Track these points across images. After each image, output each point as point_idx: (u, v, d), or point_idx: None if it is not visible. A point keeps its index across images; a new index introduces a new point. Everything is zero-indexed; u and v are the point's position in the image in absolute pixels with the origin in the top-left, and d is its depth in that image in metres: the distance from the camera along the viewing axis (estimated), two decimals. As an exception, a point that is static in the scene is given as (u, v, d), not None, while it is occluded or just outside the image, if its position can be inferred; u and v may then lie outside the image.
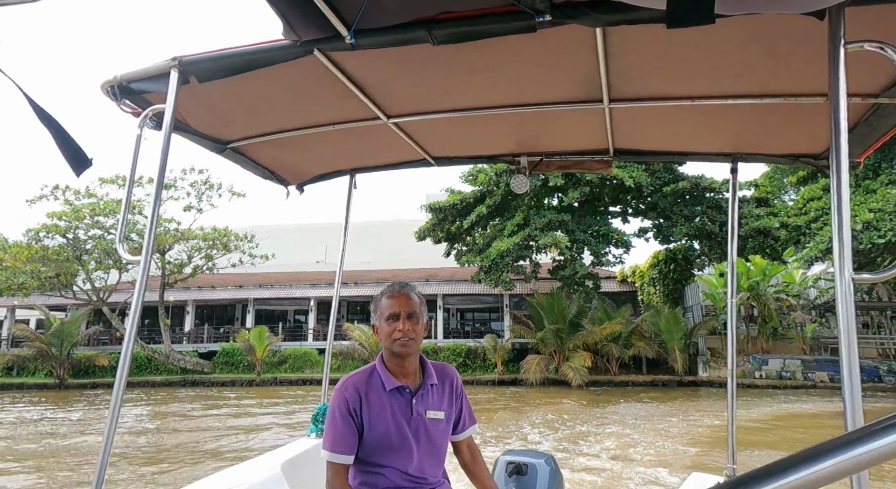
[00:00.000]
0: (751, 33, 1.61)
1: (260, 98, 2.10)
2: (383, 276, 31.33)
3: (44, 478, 7.47)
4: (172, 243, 22.48)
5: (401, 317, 1.68)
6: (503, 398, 16.72)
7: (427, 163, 2.97)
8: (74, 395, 19.26)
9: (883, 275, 1.20)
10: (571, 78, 1.96)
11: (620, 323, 20.32)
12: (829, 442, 0.47)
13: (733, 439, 2.81)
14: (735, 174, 2.80)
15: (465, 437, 1.89)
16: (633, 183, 17.56)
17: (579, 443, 9.59)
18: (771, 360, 20.95)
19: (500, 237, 18.60)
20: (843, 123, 1.22)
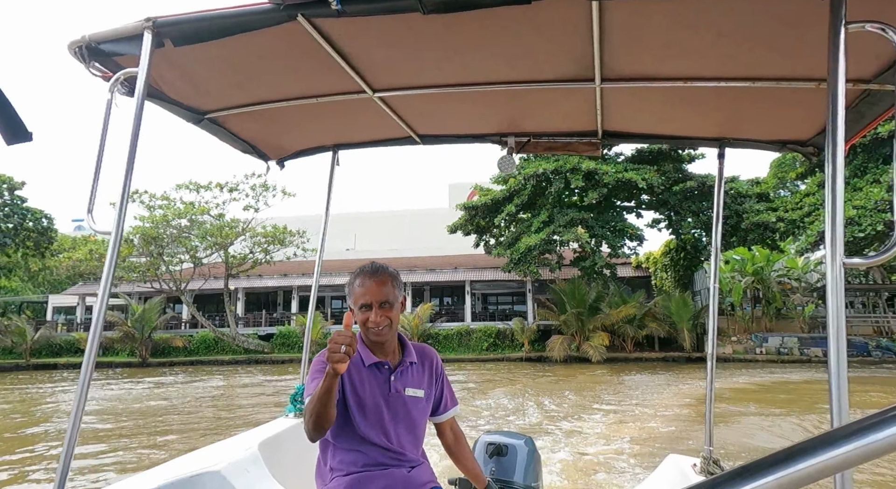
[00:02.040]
0: (748, 13, 1.58)
1: (240, 66, 1.99)
2: (412, 264, 33.96)
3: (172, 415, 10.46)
4: (235, 239, 25.48)
5: (373, 306, 1.64)
6: (534, 371, 19.55)
7: (413, 141, 2.89)
8: (158, 371, 22.53)
9: (873, 260, 1.23)
10: (564, 55, 1.92)
11: (635, 306, 22.88)
12: (812, 439, 0.47)
13: (710, 422, 2.80)
14: (722, 159, 2.79)
15: (448, 419, 1.88)
16: (645, 184, 19.96)
17: (602, 397, 12.39)
18: (771, 338, 23.39)
19: (528, 233, 21.23)
20: (842, 108, 1.20)
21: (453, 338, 26.03)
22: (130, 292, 27.83)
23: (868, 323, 25.70)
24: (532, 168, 21.12)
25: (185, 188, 24.16)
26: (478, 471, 1.93)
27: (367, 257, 36.55)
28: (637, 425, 9.53)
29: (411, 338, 21.19)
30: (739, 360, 22.23)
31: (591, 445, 7.93)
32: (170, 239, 23.76)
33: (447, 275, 31.60)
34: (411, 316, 25.39)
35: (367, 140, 2.98)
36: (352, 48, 1.87)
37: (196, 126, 2.42)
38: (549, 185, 20.96)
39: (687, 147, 3.06)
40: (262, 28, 1.63)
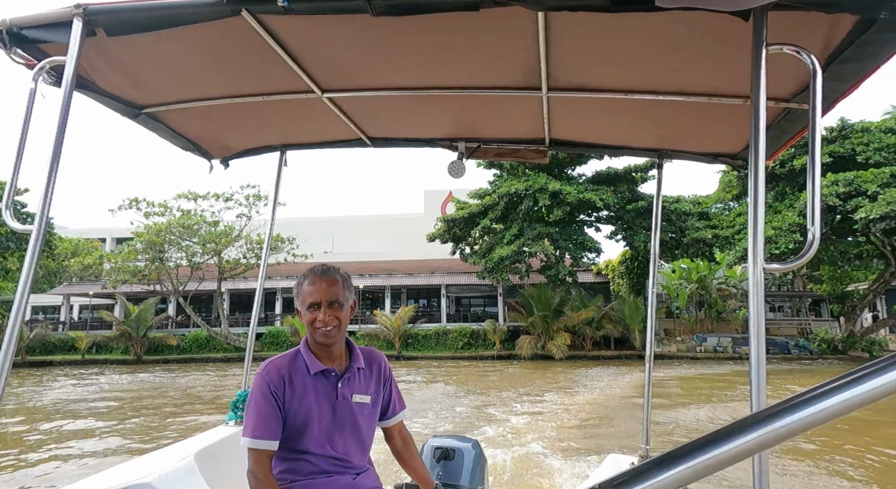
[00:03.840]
0: (681, 32, 1.63)
1: (180, 60, 1.89)
2: (391, 267, 36.11)
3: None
4: (228, 244, 27.30)
5: (322, 305, 1.61)
6: (504, 366, 22.24)
7: (363, 143, 2.86)
8: (153, 367, 24.18)
9: (790, 265, 1.31)
10: (512, 63, 1.93)
11: (593, 310, 25.91)
12: (731, 425, 0.50)
13: (648, 422, 2.87)
14: (661, 170, 2.90)
15: (396, 423, 1.85)
16: (602, 203, 22.95)
17: (562, 384, 15.20)
18: (709, 338, 26.80)
19: (501, 244, 23.93)
20: (763, 124, 1.25)
21: (431, 338, 28.51)
22: (126, 293, 29.21)
23: (793, 325, 29.57)
24: (505, 187, 23.86)
25: (183, 197, 25.88)
26: (426, 476, 1.90)
27: (346, 260, 38.44)
28: (586, 398, 12.34)
29: (393, 338, 23.60)
30: (682, 358, 25.49)
31: (552, 412, 10.62)
32: (170, 244, 25.48)
33: (424, 279, 33.88)
34: (394, 317, 27.76)
35: (316, 141, 2.93)
36: (300, 47, 1.83)
37: (132, 121, 2.31)
38: (520, 202, 23.71)
39: (628, 156, 3.69)
40: (204, 22, 1.56)
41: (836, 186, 19.10)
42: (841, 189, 19.01)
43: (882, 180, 18.48)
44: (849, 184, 19.03)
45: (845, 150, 20.85)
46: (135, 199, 25.71)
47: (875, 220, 17.70)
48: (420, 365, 23.93)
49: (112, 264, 25.20)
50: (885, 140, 20.41)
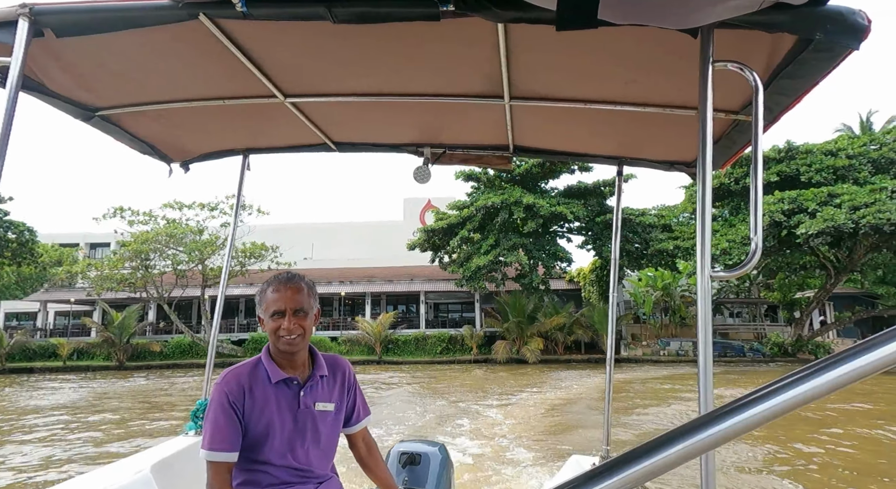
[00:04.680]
0: (636, 45, 1.68)
1: (136, 62, 1.84)
2: (371, 274, 37.01)
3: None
4: (213, 252, 27.93)
5: (286, 313, 1.60)
6: (482, 370, 23.51)
7: (328, 148, 2.86)
8: (136, 373, 24.66)
9: (736, 272, 1.35)
10: (475, 72, 1.96)
11: (565, 316, 27.41)
12: (680, 427, 0.52)
13: (608, 424, 2.93)
14: (620, 176, 2.96)
15: (360, 430, 1.85)
16: (573, 216, 24.53)
17: (538, 385, 16.54)
18: (672, 342, 28.60)
19: (478, 254, 25.27)
20: (710, 135, 1.30)
21: (411, 343, 29.60)
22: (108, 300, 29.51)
23: (749, 330, 31.69)
24: (483, 200, 25.24)
25: (169, 207, 26.50)
26: (390, 482, 1.88)
27: (325, 266, 39.18)
28: (556, 396, 13.70)
29: (374, 344, 24.70)
30: (647, 361, 27.16)
31: (526, 402, 11.91)
32: (156, 253, 26.06)
33: (404, 285, 34.89)
34: (375, 323, 28.77)
35: (280, 145, 2.93)
36: (261, 52, 1.81)
37: (86, 123, 2.26)
38: (496, 214, 25.09)
39: (589, 163, 4.09)
40: (158, 24, 1.51)
41: (782, 204, 21.02)
42: (786, 206, 20.94)
43: (821, 199, 20.47)
44: (792, 201, 20.97)
45: (791, 170, 22.86)
46: (119, 207, 26.22)
47: (813, 234, 19.64)
48: (403, 368, 25.02)
49: (98, 272, 25.61)
50: (825, 162, 22.47)
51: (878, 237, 20.34)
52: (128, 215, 26.51)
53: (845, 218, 19.02)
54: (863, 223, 18.77)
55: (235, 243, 27.37)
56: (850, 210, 19.36)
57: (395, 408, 12.76)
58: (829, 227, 19.17)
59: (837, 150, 23.06)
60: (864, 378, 0.52)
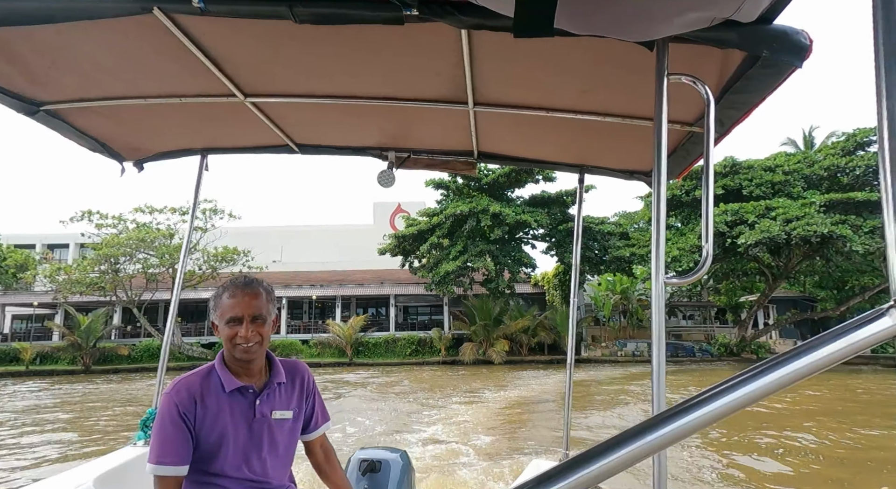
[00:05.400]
0: (596, 55, 1.70)
1: (86, 56, 1.76)
2: (342, 277, 37.56)
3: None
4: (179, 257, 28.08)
5: (244, 320, 1.55)
6: (450, 371, 24.57)
7: (290, 149, 2.81)
8: (102, 377, 24.64)
9: (688, 278, 1.41)
10: (439, 77, 1.96)
11: (529, 319, 28.80)
12: (634, 427, 0.53)
13: (568, 427, 2.99)
14: (582, 184, 3.04)
15: (318, 436, 1.82)
16: (537, 224, 25.93)
17: (500, 384, 17.71)
18: (629, 343, 30.35)
19: (447, 260, 26.36)
20: (664, 146, 1.32)
21: (381, 346, 30.42)
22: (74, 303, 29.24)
23: (700, 331, 33.83)
24: (452, 208, 26.37)
25: (139, 211, 26.60)
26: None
27: (295, 270, 39.42)
28: (517, 393, 14.89)
29: (345, 346, 25.50)
30: (606, 361, 28.77)
31: (490, 400, 13.02)
32: (127, 256, 26.13)
33: (374, 289, 35.57)
34: (346, 326, 29.47)
35: (240, 146, 2.87)
36: (220, 50, 1.76)
37: (30, 118, 2.12)
38: (464, 221, 26.25)
39: (552, 171, 4.38)
40: (110, 17, 1.46)
41: (725, 215, 22.90)
42: (729, 218, 22.82)
43: (759, 212, 22.43)
44: (735, 213, 22.88)
45: (734, 185, 24.85)
46: (88, 211, 26.15)
47: (752, 244, 21.55)
48: (377, 370, 25.85)
49: (67, 276, 25.50)
50: (764, 177, 24.55)
51: (808, 247, 22.44)
52: (96, 219, 26.46)
53: (779, 230, 20.98)
54: (794, 234, 20.76)
55: (207, 248, 27.80)
56: (784, 222, 21.34)
57: (360, 407, 13.68)
58: (766, 238, 21.10)
59: (775, 166, 25.22)
60: (805, 378, 0.55)
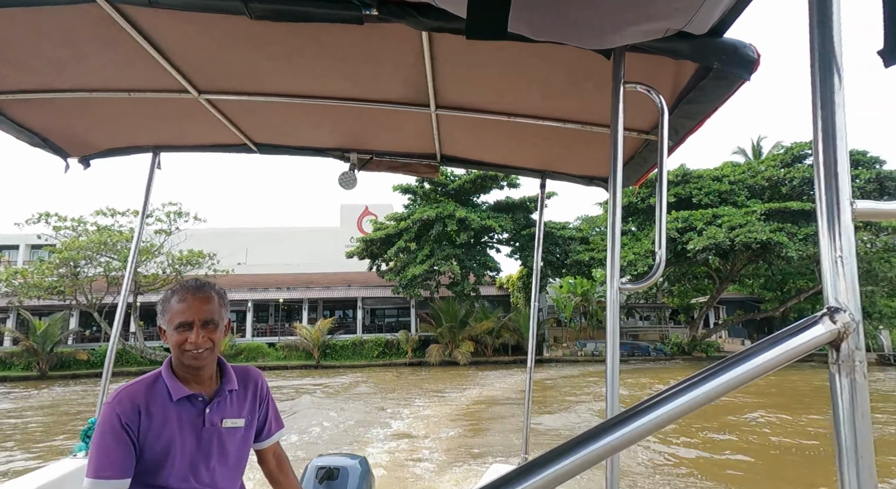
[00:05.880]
0: (556, 62, 1.71)
1: (24, 45, 1.68)
2: (310, 280, 37.58)
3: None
4: (144, 260, 27.72)
5: (194, 325, 1.49)
6: (417, 372, 25.19)
7: (248, 149, 2.74)
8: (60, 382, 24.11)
9: (642, 284, 1.45)
10: (402, 79, 1.95)
11: (494, 321, 29.72)
12: (587, 431, 0.53)
13: (528, 431, 2.98)
14: (543, 189, 3.04)
15: (271, 444, 1.79)
16: (501, 229, 26.86)
17: (463, 385, 18.45)
18: (588, 344, 31.68)
19: (414, 264, 26.99)
20: (620, 153, 1.34)
21: (348, 348, 30.73)
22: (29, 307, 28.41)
23: (656, 332, 35.55)
24: (419, 213, 27.02)
25: (101, 213, 26.17)
26: None
27: (260, 272, 39.17)
28: (478, 392, 15.67)
29: (313, 349, 25.75)
30: (566, 361, 29.96)
31: (455, 398, 13.73)
32: (88, 260, 25.66)
33: (341, 292, 35.76)
34: (313, 329, 29.66)
35: (195, 144, 2.77)
36: (171, 44, 1.69)
37: None
38: (431, 226, 26.93)
39: (514, 175, 3.71)
40: (50, 5, 1.40)
41: (677, 223, 24.36)
42: (680, 225, 24.30)
43: (706, 219, 23.99)
44: (685, 221, 24.38)
45: (685, 193, 26.41)
46: (45, 213, 25.54)
47: (700, 250, 23.04)
48: (344, 372, 26.20)
49: (23, 280, 24.83)
50: (712, 186, 26.21)
51: (750, 252, 24.14)
52: (53, 221, 25.86)
53: (724, 236, 22.53)
54: (737, 241, 22.35)
55: (172, 251, 27.50)
56: (729, 229, 22.92)
57: (323, 408, 14.17)
58: (712, 244, 22.62)
59: (722, 176, 26.93)
60: (746, 383, 0.56)
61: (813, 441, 9.82)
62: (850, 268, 0.61)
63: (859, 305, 0.60)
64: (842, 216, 0.61)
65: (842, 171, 0.63)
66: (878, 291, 26.85)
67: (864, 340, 0.60)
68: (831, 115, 0.64)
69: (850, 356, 0.58)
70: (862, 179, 23.60)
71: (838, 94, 0.65)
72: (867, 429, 0.57)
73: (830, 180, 0.62)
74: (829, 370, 0.59)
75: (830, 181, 0.62)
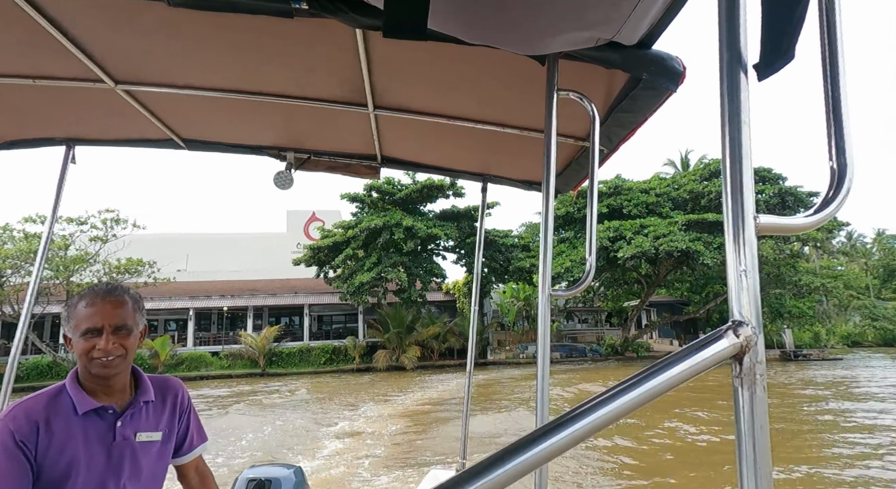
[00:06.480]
0: (494, 67, 1.70)
1: None
2: (254, 287, 37.09)
3: None
4: (78, 269, 26.70)
5: (104, 331, 1.38)
6: (363, 378, 25.66)
7: (175, 144, 2.60)
8: None
9: (571, 291, 1.52)
10: (337, 78, 1.90)
11: (440, 326, 30.65)
12: (518, 441, 0.53)
13: (465, 436, 3.00)
14: (484, 193, 3.03)
15: (193, 459, 1.69)
16: (446, 237, 27.91)
17: (407, 389, 19.22)
18: (530, 346, 33.17)
19: (361, 271, 27.53)
20: (553, 160, 1.35)
21: (295, 355, 30.73)
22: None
23: (593, 333, 37.70)
24: (367, 221, 27.62)
25: (29, 221, 25.06)
26: None
27: (202, 279, 38.17)
28: (423, 394, 16.48)
29: (258, 357, 25.68)
30: (509, 363, 31.31)
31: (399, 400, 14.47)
32: (14, 269, 24.46)
33: (288, 299, 35.48)
34: (259, 337, 29.50)
35: (114, 138, 2.60)
36: (82, 29, 1.58)
37: None
38: (379, 234, 27.58)
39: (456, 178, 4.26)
40: None
41: (608, 232, 26.25)
42: (611, 234, 26.20)
43: (634, 229, 26.00)
44: (616, 230, 26.31)
45: (617, 204, 28.44)
46: (-32, 219, 24.18)
47: (628, 257, 24.98)
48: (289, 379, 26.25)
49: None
50: (641, 198, 28.38)
51: (672, 260, 26.37)
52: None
53: (650, 245, 24.54)
54: (661, 249, 24.41)
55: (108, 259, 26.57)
56: (654, 239, 24.97)
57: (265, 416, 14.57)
58: (639, 252, 24.58)
59: (650, 188, 29.20)
60: (659, 396, 0.56)
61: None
62: (752, 281, 0.60)
63: (760, 319, 0.60)
64: (746, 230, 0.61)
65: (747, 187, 0.62)
66: (786, 294, 29.92)
67: (765, 352, 0.59)
68: (738, 132, 0.64)
69: (751, 369, 0.57)
70: (767, 194, 26.38)
71: (744, 113, 0.65)
72: (766, 441, 0.57)
73: (737, 195, 0.62)
74: (733, 383, 0.58)
75: (737, 196, 0.62)
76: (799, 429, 11.44)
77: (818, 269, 35.10)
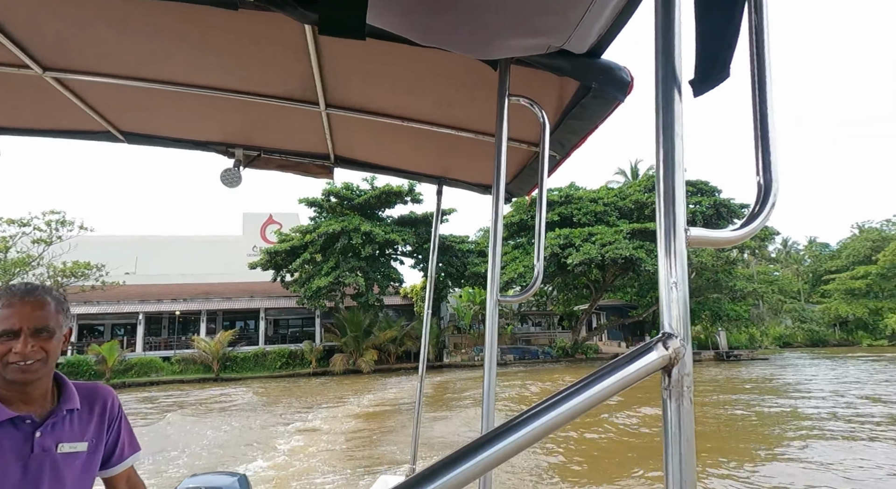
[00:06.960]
0: (449, 70, 1.70)
1: None
2: (208, 290, 36.39)
3: None
4: (19, 272, 25.74)
5: (21, 333, 1.31)
6: (320, 381, 25.84)
7: (113, 137, 2.45)
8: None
9: (519, 297, 1.52)
10: (287, 74, 1.85)
11: (397, 330, 31.15)
12: (464, 447, 0.54)
13: (416, 441, 2.98)
14: (440, 196, 3.00)
15: (124, 470, 1.59)
16: (404, 243, 28.48)
17: (366, 391, 19.67)
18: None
19: (319, 275, 27.73)
20: (503, 165, 1.35)
21: (250, 360, 30.51)
22: None
23: (545, 336, 39.07)
24: (325, 226, 27.85)
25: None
26: None
27: (151, 282, 37.12)
28: (379, 396, 17.01)
29: (212, 362, 25.54)
30: (465, 366, 32.12)
31: (356, 403, 14.94)
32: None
33: (243, 302, 35.01)
34: (213, 341, 29.14)
35: (43, 128, 2.43)
36: (1, 8, 1.48)
37: None
38: (337, 239, 27.87)
39: (411, 180, 3.77)
40: None
41: (559, 239, 27.52)
42: (561, 241, 27.48)
43: (583, 237, 27.39)
44: (566, 238, 27.61)
45: (568, 213, 29.81)
46: None
47: (577, 264, 26.29)
48: (243, 384, 26.11)
49: None
50: (590, 207, 29.86)
51: (618, 266, 27.91)
52: None
53: (596, 252, 25.93)
54: (607, 256, 25.83)
55: (54, 262, 25.72)
56: (601, 246, 26.39)
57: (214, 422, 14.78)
58: (587, 259, 25.93)
59: (598, 198, 30.73)
60: (592, 407, 0.57)
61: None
62: (682, 293, 0.61)
63: (689, 332, 0.61)
64: (677, 242, 0.61)
65: (679, 199, 0.63)
66: (723, 298, 32.07)
67: (692, 363, 0.60)
68: (671, 145, 0.64)
69: (679, 381, 0.58)
70: (703, 205, 28.32)
71: (678, 125, 0.65)
72: (691, 452, 0.57)
73: (669, 207, 0.62)
74: (662, 395, 0.59)
75: (669, 208, 0.62)
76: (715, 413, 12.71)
77: (755, 275, 37.73)
